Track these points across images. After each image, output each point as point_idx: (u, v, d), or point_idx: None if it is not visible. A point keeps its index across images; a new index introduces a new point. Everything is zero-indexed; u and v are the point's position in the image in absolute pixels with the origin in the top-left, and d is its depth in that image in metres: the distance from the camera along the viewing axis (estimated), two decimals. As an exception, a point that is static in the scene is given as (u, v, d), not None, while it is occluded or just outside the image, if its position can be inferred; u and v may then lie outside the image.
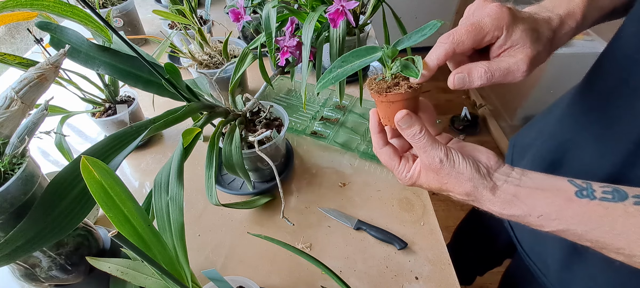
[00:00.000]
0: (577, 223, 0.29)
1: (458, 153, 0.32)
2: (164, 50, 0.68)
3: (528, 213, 0.30)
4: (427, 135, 0.32)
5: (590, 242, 0.29)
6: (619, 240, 0.27)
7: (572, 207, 0.29)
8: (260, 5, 0.60)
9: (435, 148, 0.32)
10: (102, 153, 0.34)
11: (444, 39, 0.32)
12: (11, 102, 0.33)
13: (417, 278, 0.54)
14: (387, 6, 0.71)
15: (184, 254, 0.35)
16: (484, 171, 0.32)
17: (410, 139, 0.33)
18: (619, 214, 0.27)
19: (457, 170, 0.32)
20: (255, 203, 0.62)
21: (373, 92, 0.34)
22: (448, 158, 0.32)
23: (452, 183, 0.32)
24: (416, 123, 0.33)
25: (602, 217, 0.28)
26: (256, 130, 0.61)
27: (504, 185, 0.31)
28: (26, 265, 0.39)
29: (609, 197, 0.28)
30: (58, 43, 0.41)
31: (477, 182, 0.31)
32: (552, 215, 0.29)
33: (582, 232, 0.29)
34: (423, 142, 0.32)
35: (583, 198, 0.29)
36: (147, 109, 0.82)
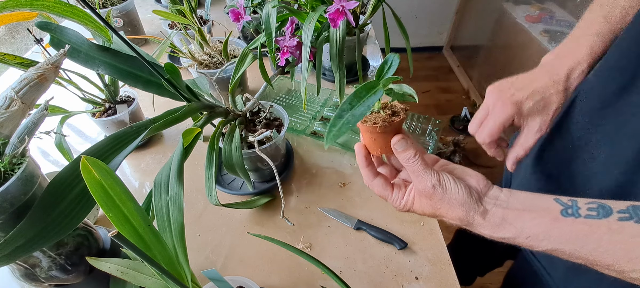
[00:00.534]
0: (565, 242, 0.29)
1: (450, 179, 0.33)
2: (164, 50, 0.68)
3: (517, 235, 0.31)
4: (421, 160, 0.33)
5: (581, 259, 0.29)
6: (607, 257, 0.27)
7: (558, 227, 0.29)
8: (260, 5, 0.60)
9: (427, 173, 0.33)
10: (102, 154, 0.34)
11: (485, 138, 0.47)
12: (11, 102, 0.33)
13: (417, 278, 0.54)
14: (387, 6, 0.71)
15: (184, 254, 0.35)
16: (475, 196, 0.32)
17: (405, 162, 0.34)
18: (603, 232, 0.28)
19: (449, 196, 0.32)
20: (255, 203, 0.62)
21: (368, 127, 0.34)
22: (440, 184, 0.32)
23: (445, 208, 0.33)
24: (412, 147, 0.34)
25: (587, 235, 0.28)
26: (256, 130, 0.61)
27: (493, 208, 0.32)
28: (26, 265, 0.39)
29: (594, 214, 0.29)
30: (58, 43, 0.41)
31: (469, 207, 0.32)
32: (539, 236, 0.30)
33: (571, 251, 0.29)
34: (417, 166, 0.33)
35: (568, 216, 0.29)
36: (147, 109, 0.82)
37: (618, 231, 0.27)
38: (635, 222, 0.27)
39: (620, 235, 0.27)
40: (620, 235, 0.27)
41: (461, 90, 2.38)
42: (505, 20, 1.90)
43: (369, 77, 0.96)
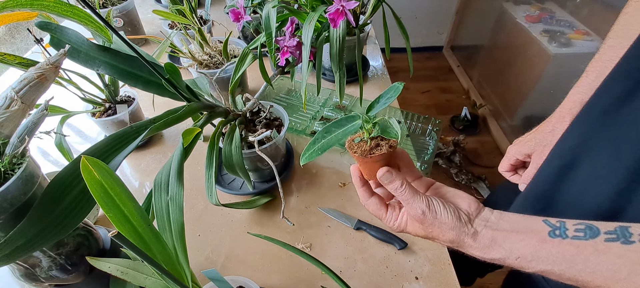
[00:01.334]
0: (552, 263, 0.29)
1: (439, 203, 0.34)
2: (164, 50, 0.68)
3: (506, 256, 0.31)
4: (408, 188, 0.34)
5: (571, 281, 0.29)
6: (595, 278, 0.28)
7: (546, 248, 0.29)
8: (260, 5, 0.60)
9: (416, 200, 0.34)
10: (102, 153, 0.34)
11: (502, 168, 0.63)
12: (11, 102, 0.33)
13: (417, 278, 0.54)
14: (387, 6, 0.71)
15: (184, 254, 0.35)
16: (464, 218, 0.33)
17: (394, 192, 0.35)
18: (590, 252, 0.28)
19: (440, 220, 0.33)
20: (255, 203, 0.62)
21: (356, 155, 0.36)
22: (430, 210, 0.33)
23: (436, 232, 0.34)
24: (397, 178, 0.35)
25: (574, 256, 0.28)
26: (256, 130, 0.61)
27: (483, 230, 0.33)
28: (26, 265, 0.39)
29: (581, 235, 0.29)
30: (58, 43, 0.41)
31: (459, 231, 0.33)
32: (528, 257, 0.30)
33: (560, 272, 0.29)
34: (405, 195, 0.34)
35: (556, 238, 0.30)
36: (147, 109, 0.82)
37: (604, 252, 0.27)
38: (622, 243, 0.27)
39: (606, 256, 0.27)
40: (606, 255, 0.27)
41: (461, 90, 2.38)
42: (505, 20, 1.90)
43: (368, 77, 0.96)
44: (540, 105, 1.67)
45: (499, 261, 0.32)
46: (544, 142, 0.56)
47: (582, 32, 1.53)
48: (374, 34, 1.13)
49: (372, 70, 0.98)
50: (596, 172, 0.44)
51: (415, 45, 2.66)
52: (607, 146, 0.43)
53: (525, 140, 0.59)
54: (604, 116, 0.44)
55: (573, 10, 1.62)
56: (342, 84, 0.56)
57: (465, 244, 0.33)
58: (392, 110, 0.81)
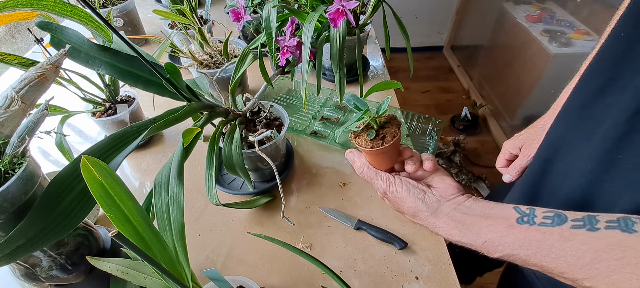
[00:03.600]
0: (518, 248, 0.30)
1: (402, 183, 0.38)
2: (164, 50, 0.68)
3: (474, 240, 0.32)
4: (366, 170, 0.40)
5: (536, 266, 0.30)
6: (559, 264, 0.28)
7: (512, 233, 0.30)
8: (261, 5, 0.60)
9: (378, 180, 0.39)
10: (102, 153, 0.34)
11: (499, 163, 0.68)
12: (12, 101, 0.33)
13: (417, 278, 0.54)
14: (388, 6, 0.71)
15: (184, 254, 0.35)
16: (431, 199, 0.36)
17: (358, 172, 0.41)
18: (555, 239, 0.28)
19: (400, 198, 0.38)
20: (255, 203, 0.62)
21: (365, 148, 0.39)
22: (389, 189, 0.38)
23: (400, 207, 0.39)
24: (357, 160, 0.41)
25: (539, 242, 0.29)
26: (256, 130, 0.61)
27: (451, 212, 0.35)
28: (27, 264, 0.39)
29: (549, 222, 0.29)
30: (58, 43, 0.41)
31: (419, 208, 0.36)
32: (495, 242, 0.31)
33: (525, 257, 0.30)
34: (367, 175, 0.40)
35: (523, 224, 0.30)
36: (147, 108, 0.82)
37: (569, 238, 0.28)
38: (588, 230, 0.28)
39: (571, 243, 0.28)
40: (571, 242, 0.28)
41: (461, 90, 2.38)
42: (506, 20, 1.90)
43: (369, 76, 0.96)
44: (540, 105, 1.67)
45: (467, 245, 0.34)
46: (534, 136, 0.59)
47: (583, 32, 1.53)
48: (374, 33, 1.13)
49: (372, 70, 0.98)
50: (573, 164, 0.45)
51: (415, 45, 2.66)
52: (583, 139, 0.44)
53: (519, 135, 0.64)
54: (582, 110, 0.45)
55: (573, 10, 1.61)
56: (342, 83, 0.55)
57: (427, 221, 0.36)
58: (392, 110, 0.81)
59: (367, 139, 0.39)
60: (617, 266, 0.26)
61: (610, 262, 0.26)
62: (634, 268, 0.25)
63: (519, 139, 0.63)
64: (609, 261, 0.26)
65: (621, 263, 0.26)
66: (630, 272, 0.25)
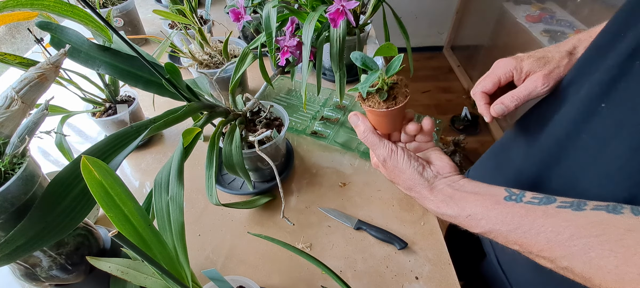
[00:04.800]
0: (501, 223, 0.30)
1: (404, 154, 0.37)
2: (164, 50, 0.68)
3: (458, 213, 0.33)
4: (371, 135, 0.38)
5: (516, 244, 0.29)
6: (539, 240, 0.28)
7: (497, 209, 0.30)
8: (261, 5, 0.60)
9: (380, 147, 0.38)
10: (102, 153, 0.34)
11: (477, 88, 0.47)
12: (12, 101, 0.33)
13: (417, 278, 0.54)
14: (388, 6, 0.71)
15: (184, 254, 0.35)
16: (429, 174, 0.36)
17: (360, 136, 0.39)
18: (539, 215, 0.28)
19: (399, 168, 0.37)
20: (255, 203, 0.62)
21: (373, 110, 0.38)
22: (391, 158, 0.37)
23: (396, 178, 0.38)
24: (362, 124, 0.39)
25: (522, 217, 0.29)
26: (256, 130, 0.61)
27: (444, 188, 0.35)
28: (27, 264, 0.39)
29: (536, 201, 0.29)
30: (58, 43, 0.41)
31: (416, 181, 0.36)
32: (478, 215, 0.32)
33: (506, 232, 0.30)
34: (369, 140, 0.38)
35: (510, 201, 0.30)
36: (147, 108, 0.82)
37: (553, 215, 0.28)
38: (573, 210, 0.27)
39: (554, 219, 0.27)
40: (553, 218, 0.27)
41: (461, 90, 2.38)
42: (506, 20, 1.90)
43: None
44: (540, 105, 1.67)
45: (451, 218, 0.34)
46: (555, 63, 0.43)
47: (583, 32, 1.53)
48: (374, 33, 1.13)
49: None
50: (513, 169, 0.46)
51: (415, 45, 2.66)
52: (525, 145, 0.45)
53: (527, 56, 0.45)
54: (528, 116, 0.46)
55: (573, 10, 1.61)
56: (342, 83, 0.55)
57: (421, 195, 0.36)
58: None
59: (379, 100, 0.37)
60: (596, 243, 0.25)
61: (589, 238, 0.25)
62: (613, 245, 0.24)
63: (526, 61, 0.44)
64: (588, 238, 0.25)
65: (600, 240, 0.25)
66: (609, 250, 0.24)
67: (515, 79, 0.45)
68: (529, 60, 0.44)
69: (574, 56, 0.43)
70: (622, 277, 0.23)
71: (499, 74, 0.45)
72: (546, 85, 0.42)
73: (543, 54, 0.44)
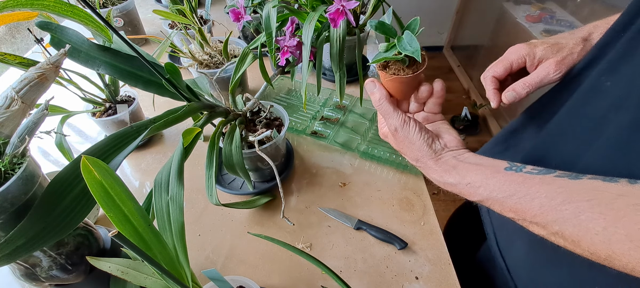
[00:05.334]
0: (498, 190, 0.31)
1: (416, 126, 0.38)
2: (164, 50, 0.68)
3: (459, 181, 0.34)
4: (386, 103, 0.39)
5: (511, 211, 0.30)
6: (532, 206, 0.28)
7: (496, 177, 0.32)
8: (261, 5, 0.60)
9: (393, 117, 0.38)
10: (102, 153, 0.34)
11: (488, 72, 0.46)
12: (12, 101, 0.33)
13: (417, 278, 0.54)
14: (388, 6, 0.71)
15: (184, 254, 0.35)
16: (437, 146, 0.38)
17: (375, 104, 0.40)
18: (535, 182, 0.29)
19: (410, 139, 0.38)
20: (255, 203, 0.62)
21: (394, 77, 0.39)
22: (403, 128, 0.38)
23: (405, 148, 0.39)
24: (377, 91, 0.40)
25: (519, 185, 0.30)
26: (256, 130, 0.61)
27: (449, 159, 0.36)
28: (27, 264, 0.39)
29: (535, 172, 0.30)
30: (58, 43, 0.41)
31: (424, 152, 0.37)
32: (477, 183, 0.33)
33: (502, 199, 0.30)
34: (383, 108, 0.39)
35: (510, 171, 0.31)
36: (147, 108, 0.82)
37: (549, 183, 0.28)
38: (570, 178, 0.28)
39: (549, 186, 0.28)
40: (549, 185, 0.28)
41: (461, 90, 2.38)
42: (506, 20, 1.90)
43: (369, 76, 0.96)
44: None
45: (452, 187, 0.35)
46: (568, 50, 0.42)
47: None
48: (374, 33, 1.13)
49: (372, 70, 0.98)
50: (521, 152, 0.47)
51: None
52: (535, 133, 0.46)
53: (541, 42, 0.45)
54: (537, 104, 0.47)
55: (573, 10, 1.61)
56: (342, 83, 0.55)
57: (427, 166, 0.37)
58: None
59: (403, 66, 0.38)
60: (586, 207, 0.25)
61: (581, 202, 0.25)
62: (603, 208, 0.24)
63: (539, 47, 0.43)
64: (580, 202, 0.25)
65: (591, 204, 0.25)
66: (599, 212, 0.24)
67: (527, 65, 0.44)
68: (542, 46, 0.43)
69: (588, 43, 0.43)
70: (609, 238, 0.23)
71: (512, 59, 0.44)
72: (558, 71, 0.41)
73: (556, 41, 0.43)
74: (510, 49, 0.46)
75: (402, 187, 0.67)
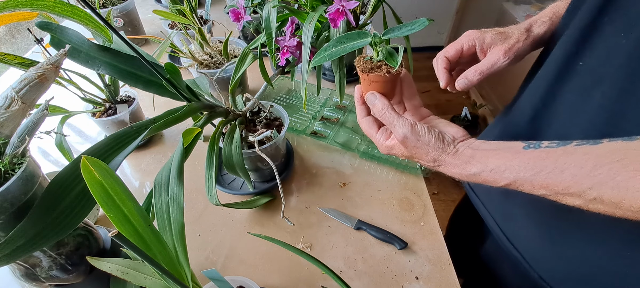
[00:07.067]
0: (524, 169, 0.31)
1: (424, 127, 0.37)
2: (164, 50, 0.68)
3: (482, 169, 0.33)
4: (389, 111, 0.37)
5: (542, 188, 0.30)
6: (564, 178, 0.28)
7: (518, 157, 0.32)
8: (261, 5, 0.60)
9: (399, 124, 0.37)
10: (102, 153, 0.34)
11: (440, 53, 0.48)
12: (12, 102, 0.33)
13: (417, 278, 0.54)
14: (388, 6, 0.71)
15: (184, 254, 0.35)
16: (449, 140, 0.37)
17: (377, 115, 0.38)
18: (559, 154, 0.29)
19: (423, 141, 0.36)
20: (255, 203, 0.62)
21: (359, 70, 0.39)
22: (412, 133, 0.36)
23: (420, 153, 0.37)
24: (379, 101, 0.38)
25: (544, 160, 0.30)
26: (256, 130, 0.61)
27: (465, 150, 0.36)
28: (27, 264, 0.39)
29: (554, 145, 0.31)
30: (58, 43, 0.41)
31: (441, 150, 0.36)
32: (501, 167, 0.32)
33: (531, 177, 0.30)
34: (387, 118, 0.38)
35: (529, 149, 0.32)
36: (147, 108, 0.82)
37: (572, 153, 0.29)
38: (590, 145, 0.28)
39: (574, 155, 0.28)
40: (573, 155, 0.28)
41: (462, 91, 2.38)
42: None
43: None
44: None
45: (475, 177, 0.34)
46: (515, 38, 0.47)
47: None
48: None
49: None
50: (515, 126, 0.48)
51: (415, 45, 2.66)
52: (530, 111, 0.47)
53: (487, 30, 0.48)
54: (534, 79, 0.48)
55: (573, 10, 1.61)
56: (342, 83, 0.55)
57: (446, 162, 0.36)
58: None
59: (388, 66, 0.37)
60: (619, 167, 0.25)
61: (612, 164, 0.26)
62: (637, 165, 0.25)
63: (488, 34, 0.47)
64: (611, 164, 0.26)
65: (623, 164, 0.25)
66: (634, 170, 0.25)
67: (477, 49, 0.47)
68: (491, 33, 0.46)
69: (531, 33, 0.47)
70: None
71: (463, 42, 0.47)
72: (507, 58, 0.44)
73: (503, 30, 0.47)
74: (464, 34, 0.48)
75: (402, 187, 0.67)
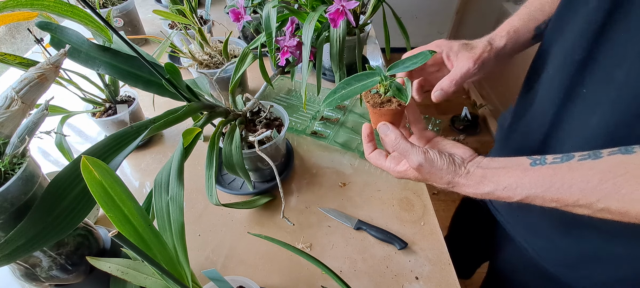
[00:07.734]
0: (535, 187, 0.33)
1: (436, 153, 0.38)
2: (164, 50, 0.68)
3: (495, 188, 0.35)
4: (403, 141, 0.39)
5: (554, 201, 0.33)
6: (573, 192, 0.31)
7: (528, 175, 0.34)
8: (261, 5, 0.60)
9: (413, 153, 0.38)
10: (102, 153, 0.34)
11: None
12: (12, 102, 0.33)
13: (417, 278, 0.54)
14: (388, 6, 0.71)
15: (184, 254, 0.35)
16: (459, 161, 0.38)
17: (390, 146, 0.40)
18: (565, 171, 0.32)
19: (437, 167, 0.38)
20: (255, 203, 0.62)
21: (369, 105, 0.40)
22: (426, 160, 0.38)
23: (434, 177, 0.39)
24: (392, 132, 0.39)
25: (552, 177, 0.32)
26: (256, 130, 0.61)
27: (475, 170, 0.37)
28: (27, 264, 0.39)
29: (558, 160, 0.33)
30: (58, 43, 0.41)
31: (454, 173, 0.38)
32: (513, 185, 0.34)
33: (542, 194, 0.33)
34: (401, 148, 0.39)
35: (536, 166, 0.34)
36: (147, 108, 0.82)
37: (577, 168, 0.31)
38: (592, 159, 0.31)
39: (579, 171, 0.31)
40: (578, 171, 0.31)
41: (461, 91, 2.38)
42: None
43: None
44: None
45: (489, 194, 0.36)
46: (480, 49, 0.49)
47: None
48: (374, 33, 1.13)
49: (372, 70, 0.98)
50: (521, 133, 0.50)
51: (415, 45, 2.65)
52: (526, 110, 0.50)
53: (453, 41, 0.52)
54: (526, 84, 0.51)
55: (573, 10, 1.61)
56: (342, 83, 0.55)
57: (459, 184, 0.38)
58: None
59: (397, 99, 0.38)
60: (623, 181, 0.29)
61: (616, 179, 0.29)
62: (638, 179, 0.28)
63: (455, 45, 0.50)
64: (615, 178, 0.29)
65: (626, 178, 0.28)
66: (636, 183, 0.28)
67: (444, 56, 0.50)
68: (457, 43, 0.50)
69: (493, 45, 0.50)
70: None
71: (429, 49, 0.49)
72: (476, 66, 0.47)
73: (468, 42, 0.51)
74: (432, 43, 0.51)
75: (402, 187, 0.67)
